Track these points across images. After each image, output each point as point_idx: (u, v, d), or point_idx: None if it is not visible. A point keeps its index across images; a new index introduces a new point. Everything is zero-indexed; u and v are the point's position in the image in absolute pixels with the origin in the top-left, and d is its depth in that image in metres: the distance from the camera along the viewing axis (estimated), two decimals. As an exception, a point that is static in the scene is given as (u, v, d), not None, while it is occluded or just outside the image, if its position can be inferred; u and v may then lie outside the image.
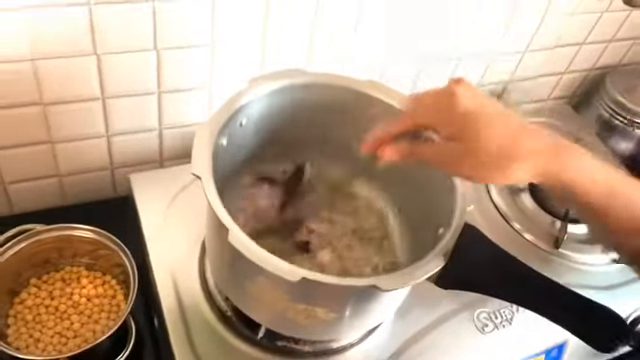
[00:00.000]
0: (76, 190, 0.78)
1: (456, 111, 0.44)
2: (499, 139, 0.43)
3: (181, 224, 0.68)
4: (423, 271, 0.46)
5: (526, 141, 0.44)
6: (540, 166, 0.44)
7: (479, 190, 0.81)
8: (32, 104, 0.65)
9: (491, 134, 0.43)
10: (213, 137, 0.51)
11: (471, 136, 0.43)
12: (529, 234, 0.77)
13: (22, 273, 0.66)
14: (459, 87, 0.44)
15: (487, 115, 0.44)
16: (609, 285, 0.74)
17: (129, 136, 0.74)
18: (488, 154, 0.43)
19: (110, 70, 0.65)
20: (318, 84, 0.59)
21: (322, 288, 0.46)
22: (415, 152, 0.48)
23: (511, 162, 0.43)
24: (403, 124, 0.49)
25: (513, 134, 0.44)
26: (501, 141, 0.43)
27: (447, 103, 0.44)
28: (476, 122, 0.43)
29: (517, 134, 0.44)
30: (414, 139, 0.49)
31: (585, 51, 1.00)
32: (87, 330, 0.65)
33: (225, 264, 0.55)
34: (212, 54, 0.69)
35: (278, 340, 0.60)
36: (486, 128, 0.43)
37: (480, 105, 0.44)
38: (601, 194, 0.44)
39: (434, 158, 0.47)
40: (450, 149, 0.45)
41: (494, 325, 0.67)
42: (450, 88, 0.45)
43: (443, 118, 0.45)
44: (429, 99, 0.47)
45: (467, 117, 0.44)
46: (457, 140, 0.44)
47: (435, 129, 0.47)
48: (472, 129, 0.43)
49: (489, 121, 0.44)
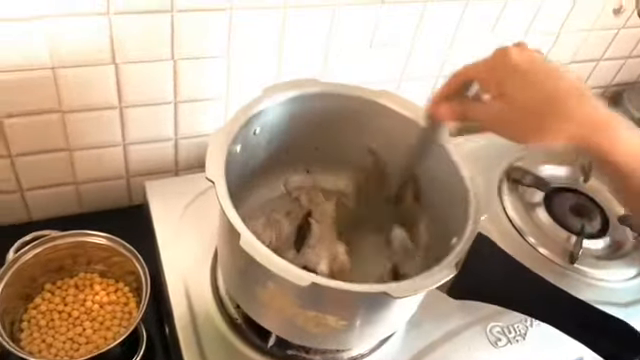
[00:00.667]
0: (92, 198, 0.79)
1: (507, 67, 0.44)
2: (541, 95, 0.43)
3: (194, 232, 0.68)
4: (434, 279, 0.46)
5: (573, 102, 0.43)
6: (580, 133, 0.43)
7: (494, 205, 0.81)
8: (52, 112, 0.67)
9: (534, 90, 0.43)
10: (227, 143, 0.51)
11: (516, 89, 0.44)
12: (544, 249, 0.77)
13: (37, 278, 0.67)
14: (515, 47, 0.45)
15: (537, 72, 0.44)
16: (626, 302, 0.72)
17: (145, 145, 0.75)
18: (530, 108, 0.43)
19: (128, 79, 0.67)
20: (332, 94, 0.59)
21: (332, 294, 0.46)
22: (466, 110, 0.48)
23: (549, 121, 0.43)
24: (455, 79, 0.50)
25: (561, 93, 0.43)
26: (544, 96, 0.43)
27: (499, 59, 0.45)
28: (524, 77, 0.43)
29: (565, 94, 0.43)
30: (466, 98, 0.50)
31: (602, 68, 0.99)
32: (99, 337, 0.65)
33: (236, 270, 0.55)
34: (228, 65, 0.70)
35: (288, 349, 0.60)
36: (531, 84, 0.43)
37: (531, 63, 0.44)
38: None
39: (484, 116, 0.47)
40: (499, 106, 0.45)
41: (507, 339, 0.66)
42: (505, 48, 0.45)
43: (494, 73, 0.45)
44: (484, 58, 0.47)
45: (516, 72, 0.44)
46: (506, 97, 0.44)
47: (487, 85, 0.47)
48: (520, 84, 0.43)
49: (538, 77, 0.43)
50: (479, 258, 0.49)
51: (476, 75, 0.48)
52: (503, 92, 0.45)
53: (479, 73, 0.48)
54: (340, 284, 0.45)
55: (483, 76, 0.47)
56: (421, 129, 0.55)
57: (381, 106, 0.60)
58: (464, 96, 0.50)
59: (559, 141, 0.43)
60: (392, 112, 0.59)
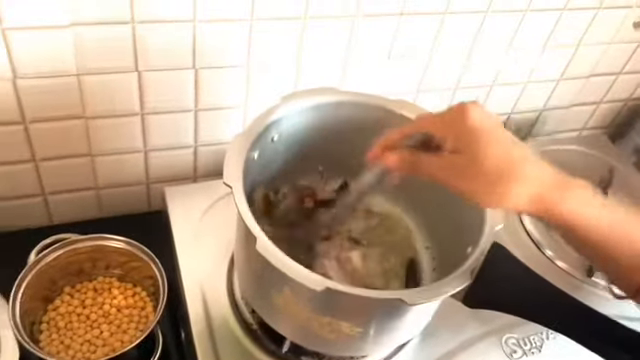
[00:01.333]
0: (112, 203, 0.80)
1: (464, 124, 0.44)
2: (501, 158, 0.43)
3: (212, 237, 0.69)
4: (449, 287, 0.46)
5: (528, 166, 0.43)
6: (539, 193, 0.43)
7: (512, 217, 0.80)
8: (75, 117, 0.68)
9: (494, 152, 0.43)
10: (245, 149, 0.52)
11: (474, 150, 0.43)
12: (562, 262, 0.76)
13: (57, 281, 0.68)
14: (472, 105, 0.44)
15: (494, 134, 0.44)
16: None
17: (165, 152, 0.77)
18: (489, 169, 0.43)
19: (150, 87, 0.68)
20: (349, 102, 0.60)
21: (347, 299, 0.46)
22: (417, 161, 0.47)
23: (510, 184, 0.43)
24: (408, 129, 0.49)
25: (516, 157, 0.43)
26: (503, 160, 0.43)
27: (456, 116, 0.44)
28: (481, 137, 0.43)
29: (521, 158, 0.43)
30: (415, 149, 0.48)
31: (622, 81, 0.99)
32: (116, 340, 0.66)
33: (252, 274, 0.55)
34: (248, 75, 0.71)
35: (303, 355, 0.60)
36: (491, 145, 0.43)
37: (489, 124, 0.44)
38: (602, 230, 0.44)
39: (436, 169, 0.46)
40: (452, 162, 0.45)
41: (523, 352, 0.65)
42: (463, 105, 0.45)
43: (450, 129, 0.45)
44: (444, 113, 0.47)
45: (473, 131, 0.43)
46: (461, 153, 0.44)
47: (444, 140, 0.46)
48: (476, 144, 0.43)
49: (495, 139, 0.43)
50: (494, 267, 0.49)
51: (433, 127, 0.47)
52: (460, 148, 0.44)
53: (436, 125, 0.47)
54: (355, 290, 0.45)
55: (440, 129, 0.46)
56: (363, 174, 0.53)
57: (400, 116, 0.60)
58: (414, 148, 0.48)
59: (518, 205, 0.43)
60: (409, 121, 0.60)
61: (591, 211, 0.44)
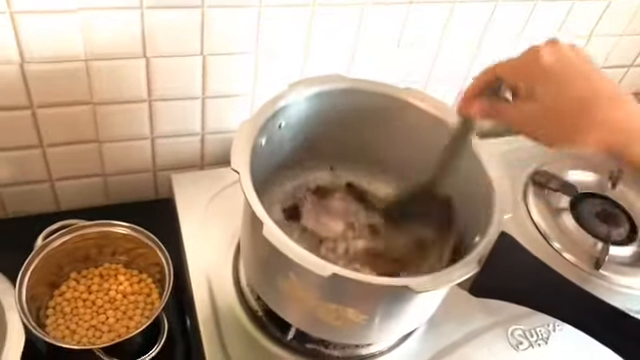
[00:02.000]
0: (119, 190, 0.80)
1: (538, 68, 0.43)
2: (572, 101, 0.42)
3: (218, 224, 0.69)
4: (456, 275, 0.46)
5: (605, 107, 0.42)
6: (618, 137, 0.41)
7: (519, 207, 0.80)
8: (83, 103, 0.68)
9: (565, 94, 0.42)
10: (253, 136, 0.52)
11: (547, 92, 0.42)
12: (569, 254, 0.75)
13: (64, 267, 0.69)
14: (547, 46, 0.43)
15: (568, 74, 0.42)
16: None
17: (172, 139, 0.76)
18: (560, 113, 0.42)
19: (158, 73, 0.68)
20: (356, 90, 0.59)
21: (353, 286, 0.46)
22: (495, 109, 0.47)
23: (580, 127, 0.42)
24: (487, 74, 0.48)
25: (588, 100, 0.42)
26: (574, 103, 0.42)
27: (530, 59, 0.44)
28: (553, 81, 0.42)
29: (597, 98, 0.42)
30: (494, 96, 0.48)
31: (633, 73, 0.98)
32: (121, 325, 0.66)
33: (258, 260, 0.55)
34: (256, 62, 0.71)
35: (308, 342, 0.60)
36: (563, 88, 0.42)
37: (564, 64, 0.43)
38: None
39: (513, 117, 0.46)
40: (528, 107, 0.44)
41: (529, 343, 0.65)
42: (537, 48, 0.44)
43: (524, 73, 0.44)
44: (516, 58, 0.46)
45: (547, 74, 0.42)
46: (536, 99, 0.43)
47: (516, 86, 0.46)
48: (548, 87, 0.42)
49: (569, 80, 0.42)
50: (502, 256, 0.48)
51: (505, 74, 0.47)
52: (532, 94, 0.43)
53: (508, 72, 0.46)
54: (361, 276, 0.45)
55: (512, 76, 0.46)
56: (452, 128, 0.54)
57: (408, 104, 0.60)
58: (494, 95, 0.49)
59: (589, 147, 0.42)
60: (419, 110, 0.59)
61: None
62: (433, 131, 0.59)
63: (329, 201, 0.66)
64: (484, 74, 0.49)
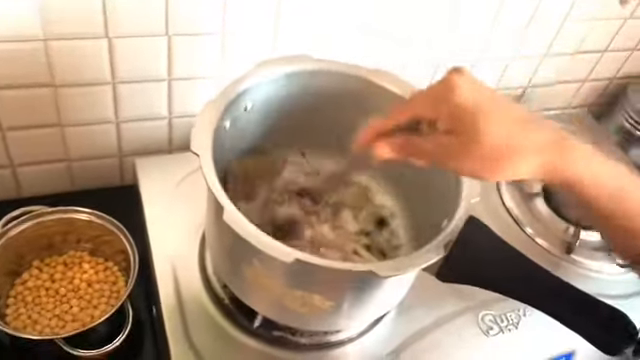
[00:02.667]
0: (84, 176, 0.78)
1: (455, 103, 0.41)
2: (500, 133, 0.41)
3: (184, 211, 0.67)
4: (422, 259, 0.45)
5: (530, 135, 0.42)
6: (544, 162, 0.42)
7: (490, 193, 0.80)
8: (43, 85, 0.66)
9: (491, 128, 0.41)
10: (216, 117, 0.50)
11: (470, 130, 0.41)
12: (541, 239, 0.75)
13: (25, 255, 0.67)
14: (459, 78, 0.42)
15: (488, 107, 0.41)
16: (622, 294, 0.71)
17: (138, 123, 0.74)
18: (488, 149, 0.41)
19: (121, 54, 0.66)
20: (326, 71, 0.58)
21: (318, 272, 0.45)
22: (410, 147, 0.45)
23: (512, 158, 0.41)
24: (399, 115, 0.46)
25: (515, 127, 0.41)
26: (502, 135, 0.41)
27: (445, 95, 0.42)
28: (475, 115, 0.41)
29: (520, 127, 0.42)
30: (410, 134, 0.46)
31: (607, 59, 0.98)
32: (86, 315, 0.64)
33: (222, 247, 0.54)
34: (223, 42, 0.69)
35: (274, 330, 0.59)
36: (486, 121, 0.41)
37: (480, 97, 0.42)
38: (609, 193, 0.43)
39: (431, 153, 0.44)
40: (448, 143, 0.42)
41: (499, 328, 0.64)
42: (450, 79, 0.42)
43: (441, 110, 0.42)
44: (428, 91, 0.44)
45: (466, 110, 0.41)
46: (456, 134, 0.42)
47: (433, 122, 0.44)
48: (471, 122, 0.41)
49: (489, 114, 0.41)
50: (470, 241, 0.47)
51: (421, 110, 0.44)
52: (454, 129, 0.42)
53: (424, 107, 0.44)
54: (324, 261, 0.44)
55: (429, 110, 0.44)
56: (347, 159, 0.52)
57: (378, 86, 0.58)
58: (406, 132, 0.46)
59: (522, 175, 0.42)
60: (390, 93, 0.58)
61: (598, 173, 0.42)
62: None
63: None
64: (396, 114, 0.46)
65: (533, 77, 0.94)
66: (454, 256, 0.46)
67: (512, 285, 0.48)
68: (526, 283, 0.48)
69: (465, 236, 0.47)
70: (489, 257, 0.48)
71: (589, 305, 0.48)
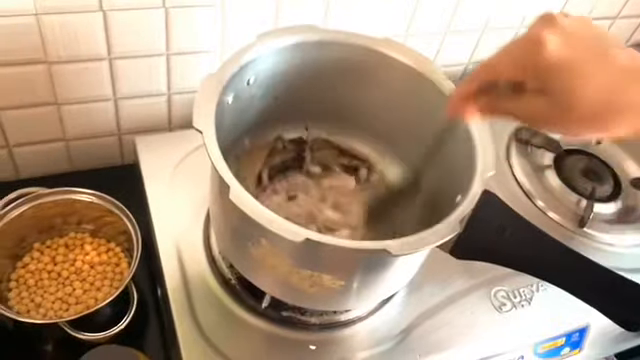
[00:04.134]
0: (83, 155, 0.76)
1: (544, 61, 0.37)
2: (596, 92, 0.37)
3: (187, 189, 0.65)
4: (437, 236, 0.43)
5: (629, 91, 0.37)
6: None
7: (501, 165, 0.78)
8: (37, 62, 0.63)
9: (586, 86, 0.37)
10: (217, 92, 0.48)
11: (563, 89, 0.37)
12: (553, 212, 0.74)
13: (26, 238, 0.65)
14: (548, 32, 0.37)
15: (582, 61, 0.37)
16: (636, 267, 0.70)
17: (137, 100, 0.72)
18: (585, 110, 0.37)
19: (117, 28, 0.63)
20: (331, 42, 0.55)
21: (328, 252, 0.43)
22: (498, 108, 0.42)
23: (610, 117, 0.37)
24: (485, 76, 0.42)
25: (613, 83, 0.37)
26: (598, 94, 0.37)
27: (533, 52, 0.37)
28: (568, 73, 0.37)
29: (618, 83, 0.37)
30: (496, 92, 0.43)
31: (618, 26, 0.95)
32: (89, 297, 0.63)
33: (228, 226, 0.52)
34: (223, 15, 0.66)
35: (283, 310, 0.57)
36: (580, 79, 0.37)
37: (573, 50, 0.37)
38: None
39: (521, 114, 0.41)
40: (539, 104, 0.39)
41: (512, 304, 0.63)
42: (537, 34, 0.37)
43: (529, 70, 0.38)
44: (514, 48, 0.40)
45: (557, 67, 0.37)
46: (547, 93, 0.38)
47: (522, 82, 0.40)
48: (563, 81, 0.37)
49: (584, 68, 0.37)
50: (485, 216, 0.46)
51: (507, 72, 0.40)
52: (544, 88, 0.38)
53: (511, 69, 0.40)
54: (336, 240, 0.42)
55: (516, 72, 0.40)
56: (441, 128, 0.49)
57: (386, 57, 0.56)
58: (493, 91, 0.42)
59: (621, 134, 0.38)
60: (398, 63, 0.56)
61: None
62: (413, 86, 0.55)
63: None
64: (482, 73, 0.43)
65: (542, 46, 0.91)
66: (469, 232, 0.45)
67: (529, 261, 0.46)
68: (543, 258, 0.46)
69: (480, 211, 0.45)
70: (505, 233, 0.46)
71: (607, 280, 0.46)
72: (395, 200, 0.62)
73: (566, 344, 0.65)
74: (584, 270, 0.46)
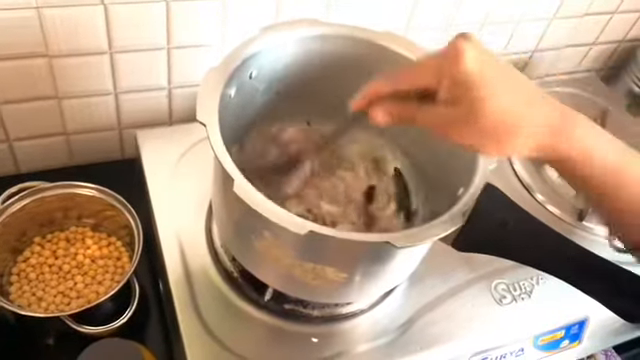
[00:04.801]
0: (83, 150, 0.76)
1: (459, 72, 0.39)
2: (503, 111, 0.39)
3: (189, 183, 0.65)
4: (440, 229, 0.43)
5: (532, 112, 0.40)
6: (543, 140, 0.40)
7: (501, 159, 0.78)
8: (38, 56, 0.63)
9: (495, 102, 0.39)
10: (220, 85, 0.48)
11: (472, 101, 0.39)
12: (552, 206, 0.74)
13: (27, 232, 0.65)
14: (465, 45, 0.39)
15: (492, 78, 0.39)
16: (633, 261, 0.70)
17: (137, 94, 0.72)
18: (489, 123, 0.39)
19: (118, 22, 0.63)
20: (334, 35, 0.55)
21: (331, 244, 0.43)
22: (407, 115, 0.43)
23: (514, 136, 0.40)
24: (399, 82, 0.43)
25: (519, 102, 0.40)
26: (505, 113, 0.39)
27: (450, 63, 0.39)
28: (479, 87, 0.39)
29: (523, 104, 0.40)
30: (407, 100, 0.43)
31: (616, 21, 0.95)
32: (91, 291, 0.63)
33: (231, 219, 0.52)
34: (224, 8, 0.66)
35: (285, 303, 0.58)
36: (490, 94, 0.39)
37: (485, 66, 0.39)
38: (608, 172, 0.41)
39: (430, 122, 0.42)
40: (448, 114, 0.40)
41: (512, 297, 0.64)
42: (455, 46, 0.39)
43: (443, 79, 0.40)
44: (431, 58, 0.42)
45: (470, 80, 0.39)
46: (457, 105, 0.40)
47: (437, 91, 0.41)
48: (474, 94, 0.39)
49: (493, 85, 0.39)
50: (487, 209, 0.46)
51: (423, 82, 0.41)
52: (456, 100, 0.39)
53: (427, 74, 0.41)
54: (340, 233, 0.42)
55: (432, 79, 0.41)
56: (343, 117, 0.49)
57: (388, 50, 0.56)
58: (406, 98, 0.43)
59: (522, 154, 0.41)
60: (400, 57, 0.56)
61: (597, 152, 0.41)
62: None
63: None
64: (395, 80, 0.43)
65: (541, 41, 0.92)
66: (472, 225, 0.45)
67: (531, 253, 0.47)
68: (545, 251, 0.47)
69: (482, 204, 0.46)
70: (507, 225, 0.46)
71: (609, 272, 0.47)
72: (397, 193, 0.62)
73: (565, 336, 0.65)
74: (586, 262, 0.46)
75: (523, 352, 0.63)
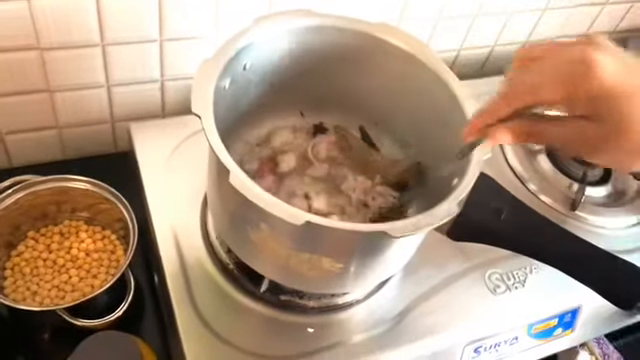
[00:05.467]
0: (76, 143, 0.75)
1: (594, 87, 0.34)
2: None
3: (183, 175, 0.65)
4: (435, 218, 0.44)
5: None
6: None
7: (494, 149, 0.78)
8: (29, 49, 0.63)
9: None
10: (215, 76, 0.48)
11: (615, 117, 0.35)
12: (545, 196, 0.74)
13: (20, 226, 0.65)
14: (597, 52, 0.34)
15: (637, 88, 0.34)
16: (626, 249, 0.71)
17: (130, 87, 0.71)
18: (634, 141, 0.35)
19: (109, 14, 0.62)
20: (328, 26, 0.55)
21: (328, 234, 0.43)
22: (535, 133, 0.39)
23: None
24: (519, 101, 0.38)
25: None
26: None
27: (580, 75, 0.35)
28: (623, 102, 0.34)
29: None
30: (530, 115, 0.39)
31: (607, 12, 0.95)
32: (85, 285, 0.63)
33: (226, 210, 0.52)
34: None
35: (281, 294, 0.58)
36: (636, 106, 0.34)
37: (627, 75, 0.34)
38: None
39: (564, 140, 0.37)
40: (585, 130, 0.36)
41: (506, 287, 0.64)
42: (585, 55, 0.34)
43: (575, 94, 0.35)
44: (552, 66, 0.36)
45: (612, 95, 0.34)
46: (596, 121, 0.35)
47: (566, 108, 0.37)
48: (617, 110, 0.34)
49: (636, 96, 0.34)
50: (481, 198, 0.46)
51: (549, 98, 0.36)
52: (594, 116, 0.35)
53: (554, 95, 0.36)
54: (336, 223, 0.43)
55: (560, 98, 0.36)
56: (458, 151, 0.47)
57: (382, 41, 0.56)
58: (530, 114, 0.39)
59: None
60: (395, 49, 0.56)
61: None
62: (410, 71, 0.56)
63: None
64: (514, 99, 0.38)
65: (534, 31, 0.92)
66: (466, 214, 0.45)
67: (526, 242, 0.47)
68: (539, 240, 0.47)
69: (477, 194, 0.46)
70: (502, 215, 0.47)
71: (602, 260, 0.47)
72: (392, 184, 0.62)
73: (558, 325, 0.66)
74: (579, 251, 0.47)
75: (517, 340, 0.64)
